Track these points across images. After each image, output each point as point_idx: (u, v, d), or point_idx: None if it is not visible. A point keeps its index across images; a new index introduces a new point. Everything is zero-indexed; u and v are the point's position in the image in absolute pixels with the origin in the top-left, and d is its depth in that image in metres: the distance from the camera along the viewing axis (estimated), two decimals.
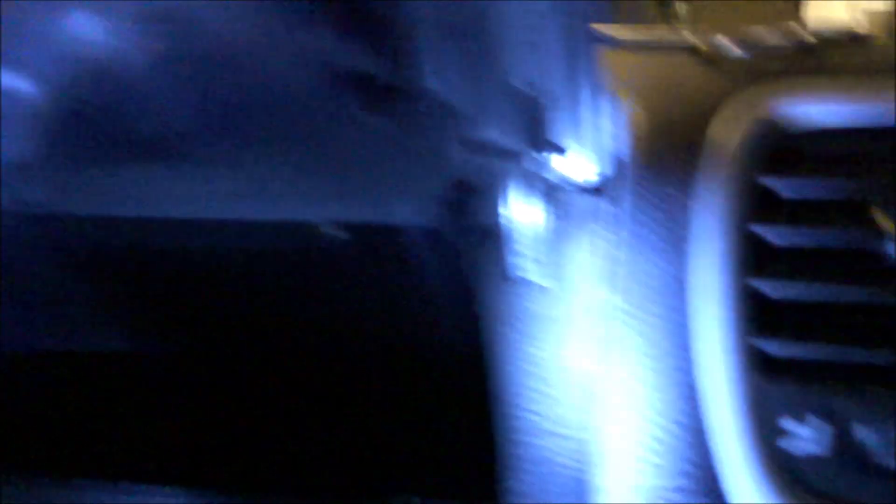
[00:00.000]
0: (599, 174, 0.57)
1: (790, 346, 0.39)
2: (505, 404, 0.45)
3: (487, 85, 0.50)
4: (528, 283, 0.51)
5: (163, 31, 0.60)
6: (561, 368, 0.46)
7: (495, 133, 0.48)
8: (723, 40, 0.56)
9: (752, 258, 0.42)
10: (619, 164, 0.51)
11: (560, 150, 0.56)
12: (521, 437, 0.43)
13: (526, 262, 0.49)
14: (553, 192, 0.56)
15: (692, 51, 0.60)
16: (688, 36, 0.60)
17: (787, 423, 0.37)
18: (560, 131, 0.54)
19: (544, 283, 0.50)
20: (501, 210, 0.47)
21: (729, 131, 0.48)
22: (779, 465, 0.36)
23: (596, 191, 0.56)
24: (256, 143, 0.64)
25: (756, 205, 0.44)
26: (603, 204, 0.54)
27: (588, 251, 0.52)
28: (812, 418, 0.37)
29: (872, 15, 0.75)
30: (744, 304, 0.40)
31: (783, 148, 0.47)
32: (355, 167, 0.63)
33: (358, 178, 0.64)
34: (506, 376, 0.46)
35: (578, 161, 0.56)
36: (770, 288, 0.41)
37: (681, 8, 0.58)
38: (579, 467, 0.42)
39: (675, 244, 0.44)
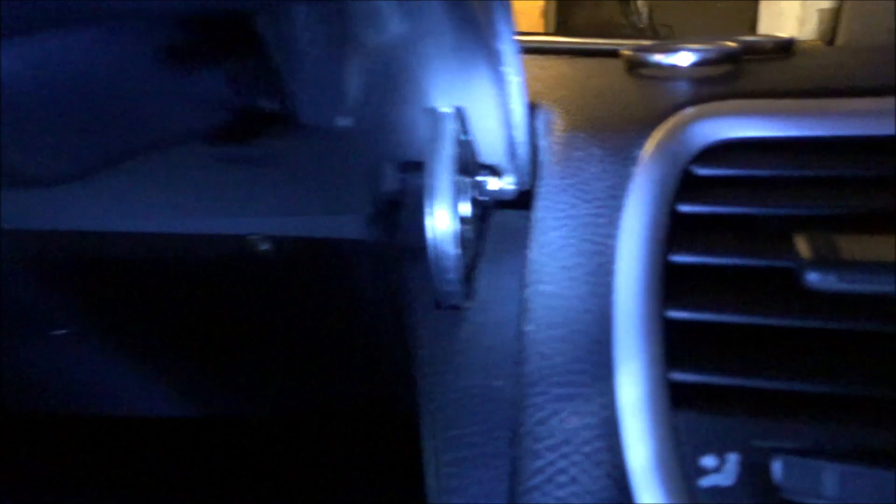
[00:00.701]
0: (524, 187, 0.56)
1: (705, 376, 0.39)
2: (431, 436, 0.44)
3: (409, 107, 0.48)
4: (455, 307, 0.49)
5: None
6: (484, 396, 0.45)
7: (420, 153, 0.47)
8: (649, 50, 0.55)
9: (673, 287, 0.42)
10: (544, 176, 0.50)
11: (486, 168, 0.55)
12: (447, 469, 0.42)
13: (454, 289, 0.48)
14: (481, 211, 0.54)
15: (617, 59, 0.60)
16: (613, 44, 0.59)
17: (704, 459, 0.37)
18: (485, 147, 0.53)
19: (470, 306, 0.49)
20: (430, 230, 0.45)
21: (655, 147, 0.47)
22: (696, 502, 0.36)
23: (522, 205, 0.55)
24: (191, 158, 0.61)
25: (677, 229, 0.44)
26: (530, 220, 0.53)
27: (515, 273, 0.51)
28: (727, 452, 0.37)
29: (822, 12, 0.75)
30: (662, 334, 0.40)
31: (707, 169, 0.46)
32: (291, 183, 0.61)
33: (293, 194, 0.62)
34: (431, 404, 0.45)
35: (505, 177, 0.55)
36: (686, 315, 0.41)
37: (642, 7, 0.56)
38: (502, 500, 0.42)
39: (599, 276, 0.43)
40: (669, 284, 0.41)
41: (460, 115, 0.48)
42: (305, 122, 0.45)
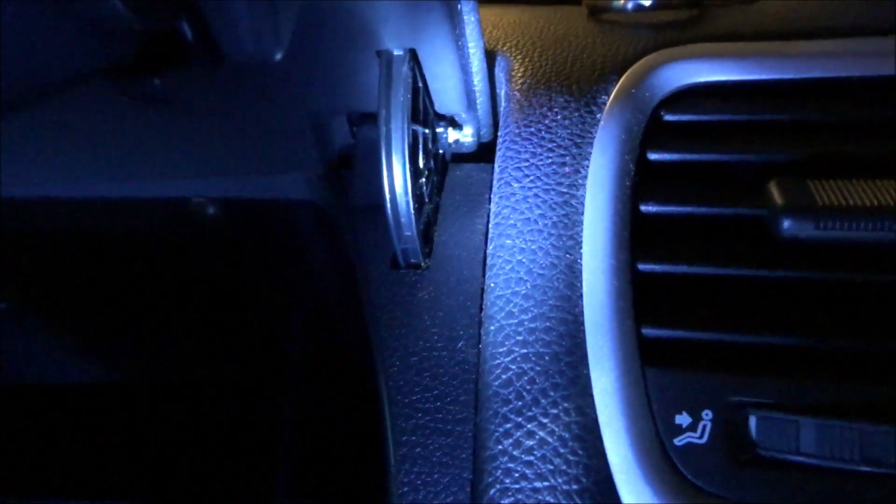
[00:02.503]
0: (484, 139, 0.53)
1: (676, 331, 0.37)
2: (387, 400, 0.41)
3: (356, 49, 0.44)
4: (411, 266, 0.46)
5: None
6: (446, 359, 0.42)
7: (371, 103, 0.43)
8: None
9: (644, 239, 0.39)
10: (505, 126, 0.47)
11: (443, 118, 0.51)
12: (407, 436, 0.40)
13: (412, 246, 0.45)
14: (439, 165, 0.51)
15: (579, 5, 0.57)
16: None
17: (678, 417, 0.35)
18: (442, 96, 0.49)
19: (428, 265, 0.46)
20: (385, 185, 0.42)
21: (620, 93, 0.45)
22: (670, 461, 0.34)
23: (483, 157, 0.52)
24: (132, 118, 0.56)
25: (646, 178, 0.42)
26: (491, 172, 0.50)
27: (476, 229, 0.48)
28: (701, 409, 0.35)
29: None
30: (632, 289, 0.38)
31: (675, 115, 0.44)
32: (234, 142, 0.56)
33: (233, 152, 0.57)
34: (388, 369, 0.42)
35: (463, 128, 0.52)
36: (658, 268, 0.38)
37: None
38: (467, 466, 0.39)
39: (565, 228, 0.40)
40: (639, 236, 0.39)
41: (414, 58, 0.45)
42: (230, 57, 0.41)
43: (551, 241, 0.39)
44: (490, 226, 0.41)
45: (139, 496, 0.60)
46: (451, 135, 0.51)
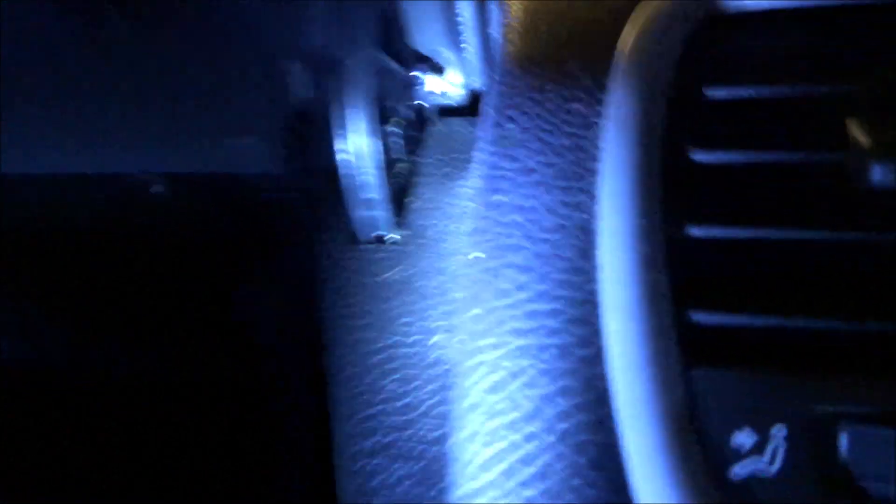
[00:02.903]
0: (473, 87, 0.43)
1: (732, 316, 0.26)
2: (340, 413, 0.32)
3: None
4: (379, 240, 0.36)
5: None
6: (419, 357, 0.32)
7: (344, 47, 0.33)
8: None
9: (683, 192, 0.29)
10: (499, 73, 0.37)
11: (423, 61, 0.41)
12: (365, 461, 0.30)
13: (378, 213, 0.35)
14: (417, 118, 0.41)
15: None
16: None
17: (737, 436, 0.25)
18: (422, 32, 0.39)
19: (398, 238, 0.36)
20: (350, 148, 0.32)
21: (652, 28, 0.34)
22: (725, 498, 0.24)
23: (470, 112, 0.42)
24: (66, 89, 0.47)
25: (693, 125, 0.31)
26: (477, 132, 0.41)
27: (459, 193, 0.38)
28: (769, 424, 0.25)
29: None
30: (669, 260, 0.28)
31: (728, 47, 0.34)
32: (178, 109, 0.47)
33: (177, 114, 0.48)
34: (344, 371, 0.32)
35: (448, 73, 0.42)
36: (705, 231, 0.28)
37: None
38: (436, 465, 0.29)
39: (576, 179, 0.30)
40: (676, 189, 0.29)
41: None
42: None
43: (557, 196, 0.29)
44: (475, 180, 0.31)
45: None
46: (433, 82, 0.41)
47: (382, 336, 0.33)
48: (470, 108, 0.43)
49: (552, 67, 0.34)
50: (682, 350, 0.26)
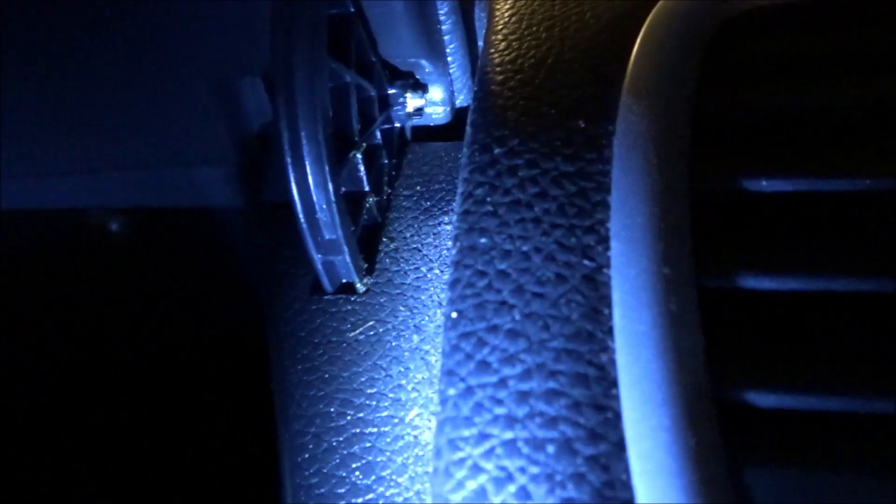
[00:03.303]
0: (456, 106, 0.36)
1: (797, 396, 0.20)
2: (302, 479, 0.25)
3: None
4: (345, 291, 0.30)
5: None
6: (387, 448, 0.26)
7: (294, 59, 0.27)
8: None
9: (716, 235, 0.23)
10: (487, 89, 0.30)
11: (400, 77, 0.35)
12: None
13: (340, 258, 0.28)
14: (393, 143, 0.35)
15: None
16: None
17: None
18: (396, 44, 0.33)
19: (366, 287, 0.30)
20: (302, 181, 0.26)
21: (669, 33, 0.28)
22: None
23: (455, 133, 0.36)
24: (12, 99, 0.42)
25: (724, 146, 0.25)
26: (461, 157, 0.34)
27: (440, 231, 0.32)
28: None
29: None
30: (708, 322, 0.21)
31: (751, 49, 0.28)
32: (128, 136, 0.41)
33: (133, 150, 0.42)
34: (304, 436, 0.26)
35: (429, 91, 0.36)
36: (752, 282, 0.22)
37: None
38: None
39: (580, 216, 0.24)
40: (709, 227, 0.23)
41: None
42: None
43: (556, 238, 0.23)
44: (455, 218, 0.24)
45: None
46: (411, 102, 0.35)
47: (346, 410, 0.27)
48: (453, 129, 0.37)
49: (548, 77, 0.27)
50: (729, 441, 0.19)
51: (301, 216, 0.27)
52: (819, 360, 0.21)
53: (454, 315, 0.22)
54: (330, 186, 0.26)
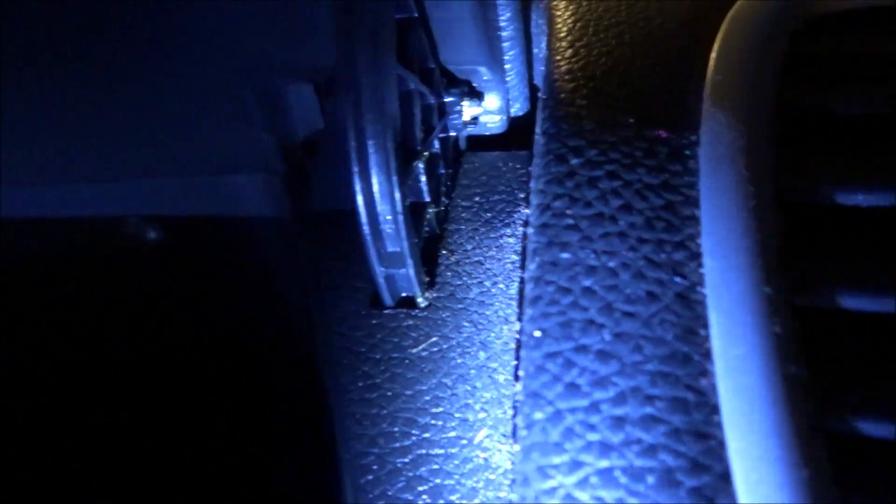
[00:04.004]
0: (518, 113, 0.35)
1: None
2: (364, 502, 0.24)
3: None
4: (406, 305, 0.29)
5: None
6: (455, 478, 0.25)
7: (359, 64, 0.26)
8: None
9: (821, 257, 0.22)
10: (552, 81, 0.29)
11: (458, 85, 0.34)
12: None
13: (403, 271, 0.27)
14: (450, 153, 0.34)
15: None
16: None
17: None
18: (454, 50, 0.32)
19: (428, 301, 0.29)
20: (368, 190, 0.25)
21: (750, 36, 0.27)
22: None
23: (515, 143, 0.35)
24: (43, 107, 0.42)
25: (816, 154, 0.24)
26: (527, 162, 0.33)
27: (502, 243, 0.31)
28: None
29: None
30: (813, 345, 0.20)
31: (834, 52, 0.27)
32: (166, 142, 0.40)
33: (171, 156, 0.41)
34: (365, 457, 0.25)
35: (486, 98, 0.35)
36: (855, 302, 0.21)
37: None
38: None
39: (669, 230, 0.22)
40: (808, 242, 0.21)
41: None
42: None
43: (645, 254, 0.22)
44: (531, 232, 0.23)
45: None
46: (468, 110, 0.34)
47: (410, 430, 0.26)
48: (506, 139, 0.36)
49: (622, 85, 0.26)
50: (840, 474, 0.18)
51: (366, 227, 0.26)
52: None
53: (537, 334, 0.21)
54: (397, 197, 0.25)
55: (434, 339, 0.27)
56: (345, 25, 0.25)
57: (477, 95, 0.34)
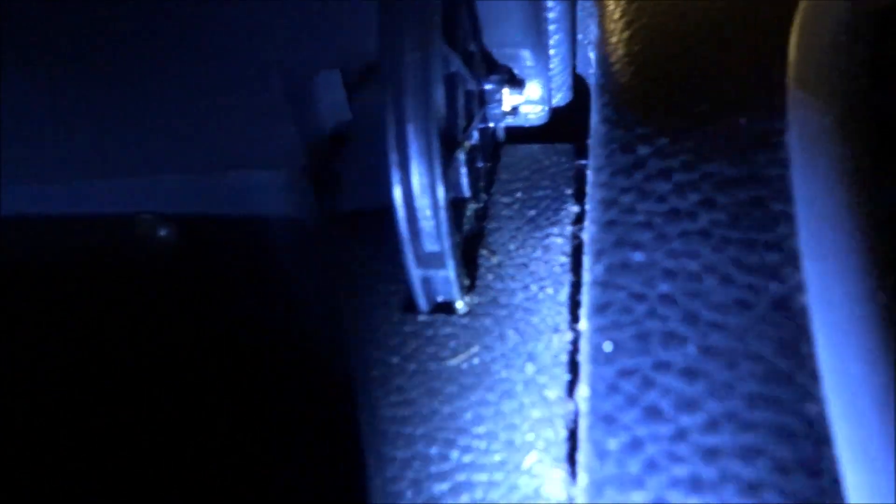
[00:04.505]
0: (561, 103, 0.32)
1: None
2: None
3: None
4: (444, 310, 0.26)
5: None
6: (500, 472, 0.22)
7: (396, 46, 0.23)
8: None
9: None
10: (599, 87, 0.26)
11: (498, 72, 0.31)
12: None
13: (443, 273, 0.24)
14: (489, 144, 0.31)
15: None
16: None
17: None
18: (496, 34, 0.30)
19: (468, 307, 0.26)
20: (408, 184, 0.22)
21: (836, 20, 0.24)
22: None
23: (557, 135, 0.32)
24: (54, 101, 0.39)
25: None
26: (570, 156, 0.30)
27: (550, 243, 0.28)
28: None
29: None
30: None
31: None
32: (182, 135, 0.38)
33: (186, 151, 0.39)
34: (398, 480, 0.22)
35: (528, 87, 0.32)
36: None
37: None
38: None
39: (759, 228, 0.19)
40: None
41: None
42: None
43: (732, 255, 0.19)
44: (594, 230, 0.20)
45: None
46: (508, 99, 0.31)
47: (449, 452, 0.23)
48: (546, 131, 0.33)
49: (692, 68, 0.23)
50: None
51: (403, 223, 0.23)
52: None
53: (608, 347, 0.18)
54: (439, 190, 0.22)
55: (475, 349, 0.24)
56: (398, 29, 0.22)
57: (518, 83, 0.31)
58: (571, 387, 0.22)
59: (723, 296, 0.18)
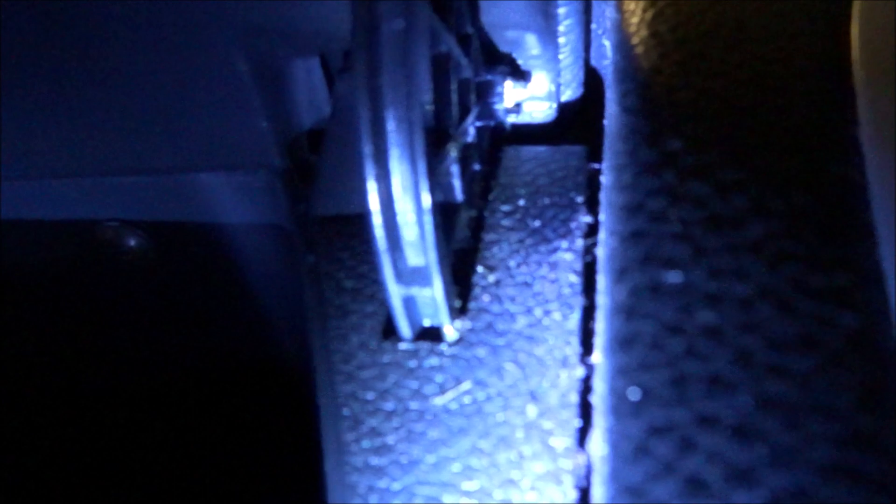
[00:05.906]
0: (570, 99, 0.28)
1: None
2: None
3: None
4: (430, 338, 0.22)
5: None
6: None
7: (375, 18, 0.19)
8: None
9: None
10: (610, 78, 0.22)
11: (500, 63, 0.28)
12: None
13: (429, 293, 0.20)
14: (486, 144, 0.27)
15: None
16: None
17: None
18: (508, 22, 0.26)
19: (459, 333, 0.22)
20: (386, 188, 0.18)
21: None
22: None
23: (565, 135, 0.28)
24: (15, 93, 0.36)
25: None
26: (581, 158, 0.26)
27: (557, 259, 0.23)
28: None
29: None
30: None
31: None
32: (141, 135, 0.34)
33: (149, 152, 0.34)
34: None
35: (532, 80, 0.28)
36: None
37: None
38: None
39: (824, 243, 0.15)
40: None
41: None
42: None
43: (792, 275, 0.14)
44: (615, 243, 0.16)
45: None
46: (511, 93, 0.27)
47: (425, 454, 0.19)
48: (553, 131, 0.29)
49: (729, 48, 0.19)
50: None
51: (380, 230, 0.19)
52: None
53: (634, 394, 0.14)
54: (423, 190, 0.18)
55: (467, 385, 0.20)
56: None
57: (522, 75, 0.27)
58: (583, 435, 0.18)
59: (782, 329, 0.14)
